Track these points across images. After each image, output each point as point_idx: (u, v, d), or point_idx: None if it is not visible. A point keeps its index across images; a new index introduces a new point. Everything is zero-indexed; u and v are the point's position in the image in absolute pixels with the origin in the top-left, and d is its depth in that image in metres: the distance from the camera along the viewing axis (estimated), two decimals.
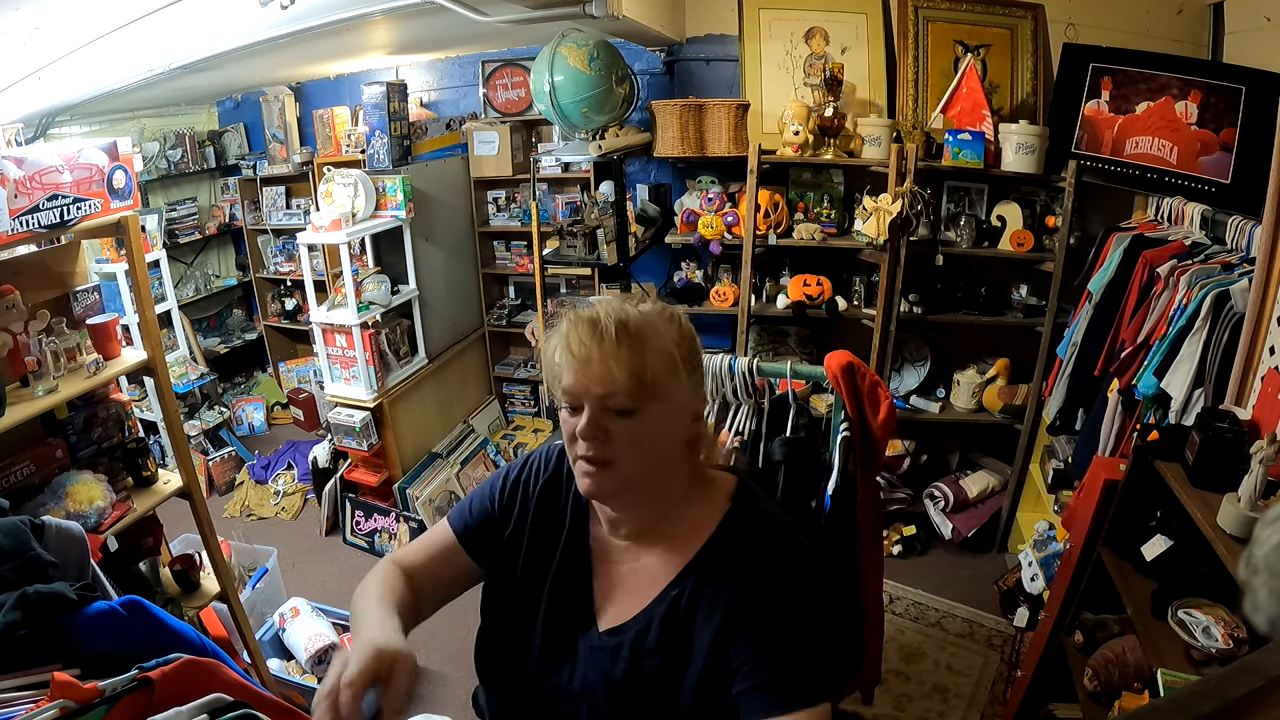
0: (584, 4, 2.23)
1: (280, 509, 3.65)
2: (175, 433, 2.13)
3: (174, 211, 4.20)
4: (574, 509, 1.02)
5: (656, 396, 0.86)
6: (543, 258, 2.91)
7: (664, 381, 0.87)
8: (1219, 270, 1.91)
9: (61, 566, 1.11)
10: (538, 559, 1.02)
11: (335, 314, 3.07)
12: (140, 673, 0.77)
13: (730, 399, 1.77)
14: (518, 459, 1.11)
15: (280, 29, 2.26)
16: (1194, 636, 1.43)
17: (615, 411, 0.86)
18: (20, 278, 1.83)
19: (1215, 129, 2.34)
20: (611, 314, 0.87)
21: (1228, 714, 0.57)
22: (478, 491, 1.09)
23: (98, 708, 0.74)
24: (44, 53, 2.17)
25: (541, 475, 1.06)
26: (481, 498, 1.07)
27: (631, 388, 0.85)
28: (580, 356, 0.86)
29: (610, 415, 0.86)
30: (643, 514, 0.95)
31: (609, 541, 1.00)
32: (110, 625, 0.89)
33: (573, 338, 0.87)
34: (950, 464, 3.33)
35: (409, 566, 1.02)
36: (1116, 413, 2.15)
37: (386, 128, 3.17)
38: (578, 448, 0.88)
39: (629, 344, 0.85)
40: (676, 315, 0.95)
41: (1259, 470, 1.32)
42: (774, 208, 2.99)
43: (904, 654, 2.59)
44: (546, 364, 0.92)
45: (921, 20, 2.93)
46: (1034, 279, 2.96)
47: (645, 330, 0.87)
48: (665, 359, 0.87)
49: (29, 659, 0.85)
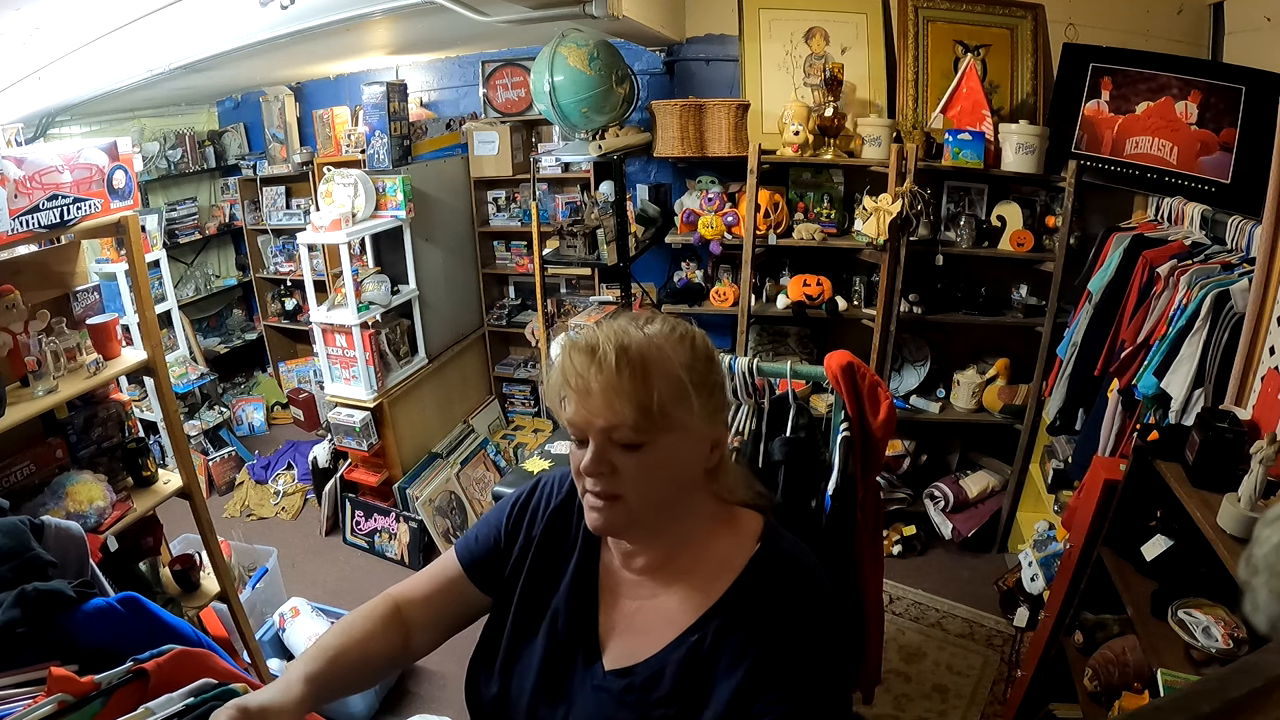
0: (584, 4, 2.23)
1: (280, 509, 3.65)
2: (175, 433, 2.13)
3: (174, 211, 4.20)
4: (585, 538, 0.97)
5: (666, 428, 0.80)
6: (543, 258, 2.91)
7: (674, 410, 0.80)
8: (1219, 270, 1.91)
9: (61, 566, 1.11)
10: (540, 588, 0.96)
11: (335, 314, 3.07)
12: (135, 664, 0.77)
13: (730, 399, 1.77)
14: (528, 483, 1.05)
15: (280, 29, 2.26)
16: (1194, 636, 1.43)
17: (621, 445, 0.80)
18: (20, 278, 1.83)
19: (1215, 129, 2.33)
20: (612, 339, 0.81)
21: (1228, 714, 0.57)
22: (485, 518, 1.04)
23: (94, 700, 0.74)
24: (44, 53, 2.17)
25: (552, 501, 1.00)
26: (488, 524, 1.02)
27: (637, 420, 0.79)
28: (579, 389, 0.80)
29: (616, 449, 0.80)
30: (660, 548, 0.89)
31: (621, 574, 0.93)
32: (108, 622, 0.90)
33: (569, 368, 0.82)
34: (950, 464, 3.33)
35: (406, 602, 0.98)
36: (1116, 413, 2.15)
37: (386, 128, 3.17)
38: (585, 482, 0.84)
39: (631, 372, 0.79)
40: (689, 335, 0.87)
41: (1259, 470, 1.32)
42: (774, 208, 2.99)
43: (904, 654, 2.59)
44: (550, 393, 0.86)
45: (921, 20, 2.93)
46: (1034, 279, 2.96)
47: (649, 355, 0.80)
48: (674, 386, 0.80)
49: (26, 656, 0.85)
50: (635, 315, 0.87)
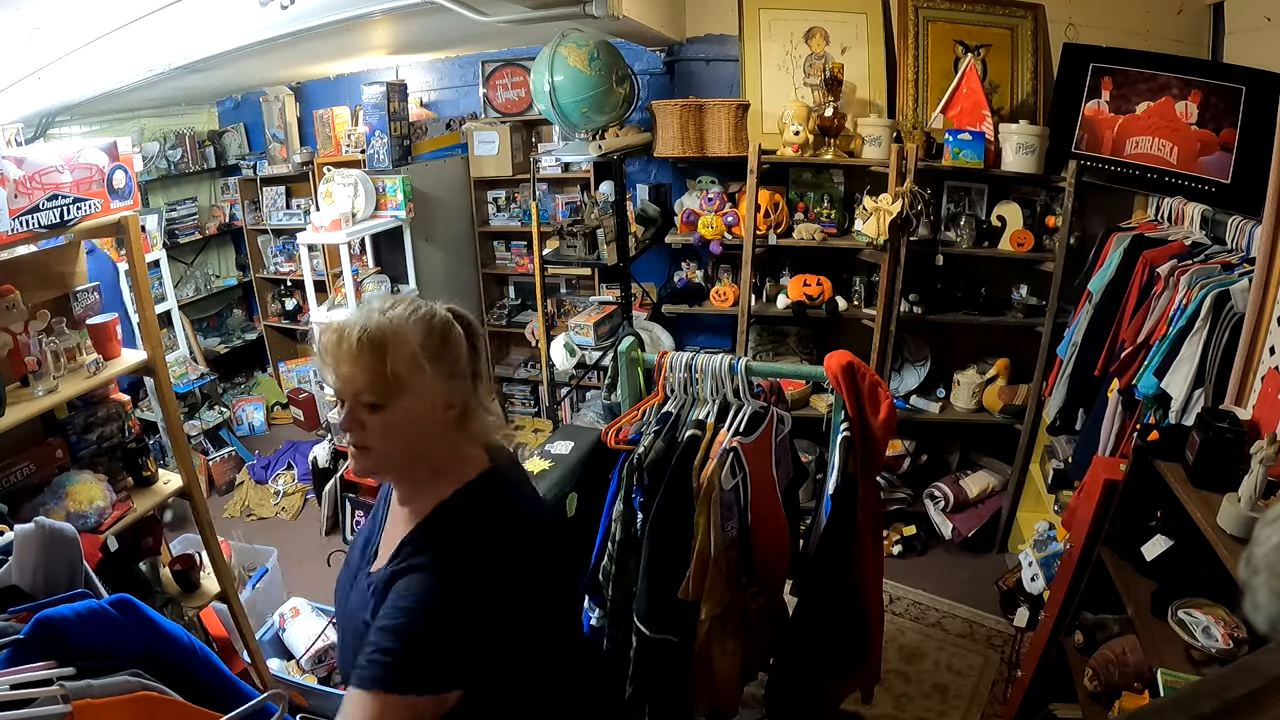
0: (584, 4, 2.23)
1: (280, 509, 3.65)
2: (175, 433, 2.13)
3: (174, 211, 4.20)
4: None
5: (400, 392, 0.96)
6: (543, 258, 2.91)
7: (407, 378, 0.96)
8: (1219, 270, 1.91)
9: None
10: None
11: (335, 314, 3.07)
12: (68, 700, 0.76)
13: (730, 399, 1.77)
14: None
15: (280, 29, 2.26)
16: (1194, 636, 1.43)
17: (367, 406, 0.97)
18: (20, 278, 1.82)
19: (1215, 129, 2.33)
20: (357, 323, 0.97)
21: (1228, 714, 0.57)
22: None
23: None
24: (44, 53, 2.17)
25: None
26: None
27: (374, 386, 0.96)
28: (329, 363, 0.98)
29: (364, 409, 0.97)
30: (407, 484, 1.07)
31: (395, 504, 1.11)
32: (100, 623, 0.89)
33: (322, 348, 0.99)
34: (950, 464, 3.33)
35: None
36: (1116, 413, 2.15)
37: (386, 128, 3.18)
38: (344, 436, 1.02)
39: (370, 348, 0.95)
40: (427, 314, 1.02)
41: (1259, 470, 1.32)
42: (774, 208, 2.99)
43: (904, 654, 2.59)
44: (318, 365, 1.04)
45: (921, 20, 2.93)
46: (1034, 279, 2.96)
47: (385, 336, 0.96)
48: (407, 359, 0.96)
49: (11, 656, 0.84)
50: (384, 299, 1.03)
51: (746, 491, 1.68)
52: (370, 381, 0.96)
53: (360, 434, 0.99)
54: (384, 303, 1.02)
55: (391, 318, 0.99)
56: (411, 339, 0.98)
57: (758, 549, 1.74)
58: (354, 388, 0.97)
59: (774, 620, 1.85)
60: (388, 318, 0.99)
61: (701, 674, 1.73)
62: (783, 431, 1.79)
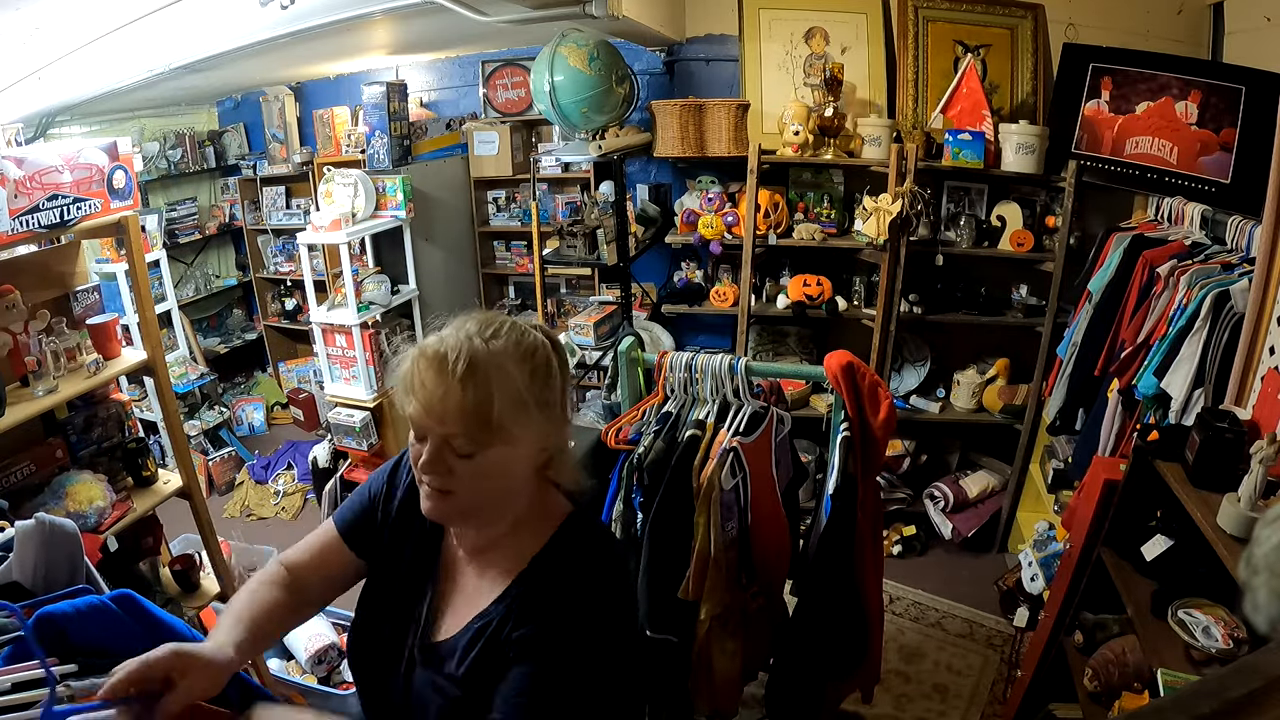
0: (584, 4, 2.23)
1: (280, 509, 3.65)
2: (175, 433, 2.13)
3: (174, 211, 4.20)
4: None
5: (502, 441, 0.85)
6: (543, 258, 2.91)
7: (510, 425, 0.85)
8: (1219, 270, 1.91)
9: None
10: (394, 561, 1.02)
11: (335, 314, 3.06)
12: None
13: (731, 399, 1.77)
14: (396, 456, 1.09)
15: (280, 29, 2.26)
16: (1194, 636, 1.43)
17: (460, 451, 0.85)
18: (20, 278, 1.83)
19: (1215, 129, 2.33)
20: (462, 352, 0.84)
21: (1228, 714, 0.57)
22: (360, 487, 1.09)
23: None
24: (44, 53, 2.17)
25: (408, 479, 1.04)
26: (360, 493, 1.07)
27: (475, 434, 0.84)
28: (423, 396, 0.85)
29: (452, 452, 0.85)
30: (485, 533, 0.95)
31: (456, 554, 0.99)
32: (102, 619, 0.89)
33: (418, 376, 0.86)
34: (950, 464, 3.33)
35: (293, 565, 1.04)
36: (1116, 413, 2.15)
37: (386, 128, 3.17)
38: (421, 475, 0.88)
39: (475, 385, 0.83)
40: (535, 348, 0.90)
41: (1259, 470, 1.32)
42: (774, 208, 2.99)
43: (904, 654, 2.59)
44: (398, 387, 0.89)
45: (921, 20, 2.93)
46: (1034, 279, 2.96)
47: (492, 374, 0.84)
48: (513, 403, 0.85)
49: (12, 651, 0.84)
50: (486, 323, 0.89)
51: (746, 491, 1.68)
52: (468, 428, 0.83)
53: (444, 478, 0.86)
54: (482, 328, 0.88)
55: (494, 350, 0.86)
56: (517, 378, 0.86)
57: (758, 549, 1.74)
58: (447, 431, 0.84)
59: (774, 620, 1.85)
60: (490, 350, 0.86)
61: (701, 674, 1.73)
62: (783, 431, 1.79)
